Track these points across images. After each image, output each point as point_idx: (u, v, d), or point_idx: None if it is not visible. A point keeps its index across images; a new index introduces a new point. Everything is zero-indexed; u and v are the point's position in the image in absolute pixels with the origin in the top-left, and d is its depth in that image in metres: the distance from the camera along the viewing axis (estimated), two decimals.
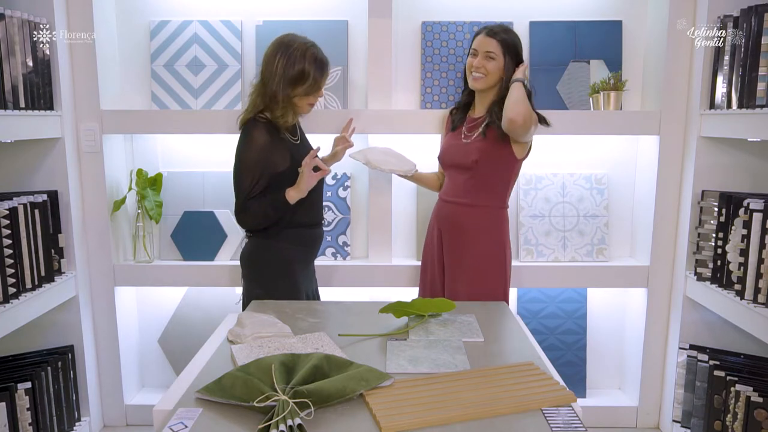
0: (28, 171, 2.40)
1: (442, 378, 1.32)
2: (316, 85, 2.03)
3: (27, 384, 2.16)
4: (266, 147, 2.00)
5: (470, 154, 2.13)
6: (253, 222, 2.04)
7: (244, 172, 2.00)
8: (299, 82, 2.00)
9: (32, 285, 2.19)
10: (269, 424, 1.07)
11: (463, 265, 2.18)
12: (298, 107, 2.08)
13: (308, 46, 2.02)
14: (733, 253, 2.11)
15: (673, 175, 2.50)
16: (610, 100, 2.49)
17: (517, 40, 2.14)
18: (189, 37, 2.64)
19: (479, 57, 2.12)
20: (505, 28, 2.14)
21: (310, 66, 1.99)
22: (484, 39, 2.11)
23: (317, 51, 2.03)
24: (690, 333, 2.47)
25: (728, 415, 2.19)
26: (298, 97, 2.03)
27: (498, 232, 2.18)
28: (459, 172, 2.19)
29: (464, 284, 2.16)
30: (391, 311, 1.68)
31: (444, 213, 2.23)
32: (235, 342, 1.54)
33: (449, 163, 2.24)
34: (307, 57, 2.00)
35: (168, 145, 2.74)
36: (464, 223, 2.17)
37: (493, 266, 2.17)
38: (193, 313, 2.75)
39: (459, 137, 2.22)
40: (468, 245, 2.17)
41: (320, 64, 2.02)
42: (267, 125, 2.03)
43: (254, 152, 2.00)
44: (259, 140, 2.00)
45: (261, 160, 2.00)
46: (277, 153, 2.02)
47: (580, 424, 1.13)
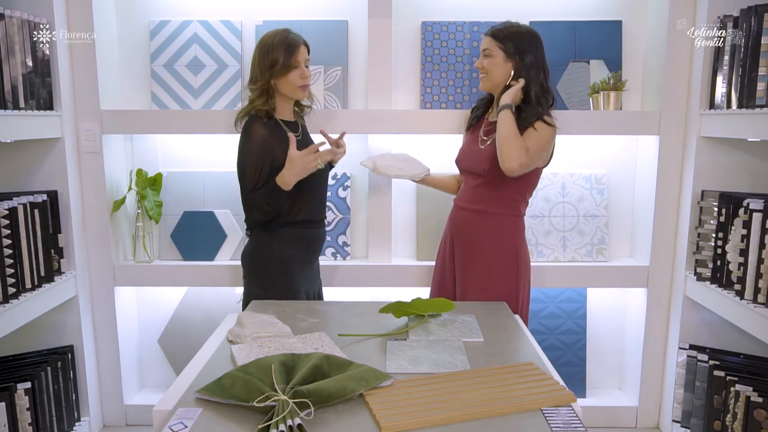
0: (27, 171, 2.40)
1: (442, 378, 1.31)
2: (288, 63, 2.04)
3: (27, 384, 2.16)
4: (266, 139, 2.03)
5: (483, 161, 2.06)
6: (258, 215, 2.04)
7: (247, 165, 2.02)
8: (271, 65, 2.04)
9: (32, 285, 2.19)
10: (269, 424, 1.07)
11: (472, 272, 2.12)
12: (286, 93, 2.09)
13: (278, 33, 2.06)
14: (733, 253, 2.11)
15: (673, 175, 2.50)
16: (610, 100, 2.49)
17: (520, 35, 2.02)
18: (189, 37, 2.64)
19: (480, 57, 2.10)
20: (508, 24, 2.06)
21: (278, 47, 2.03)
22: (483, 38, 2.09)
23: (287, 34, 2.06)
24: (690, 333, 2.47)
25: (728, 415, 2.19)
26: (276, 79, 2.05)
27: (509, 242, 2.09)
28: (472, 177, 2.14)
29: (474, 291, 2.10)
30: (391, 311, 1.67)
31: (456, 219, 2.19)
32: (235, 342, 1.54)
33: (464, 168, 2.19)
34: (276, 41, 2.04)
35: (168, 145, 2.74)
36: (475, 231, 2.11)
37: (503, 276, 2.09)
38: (193, 313, 2.76)
39: (476, 141, 2.15)
40: (478, 253, 2.11)
41: (287, 43, 2.05)
42: (264, 120, 2.06)
43: (254, 145, 2.02)
44: (258, 133, 2.03)
45: (261, 153, 2.01)
46: (276, 145, 2.04)
47: (580, 424, 1.13)
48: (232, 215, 2.67)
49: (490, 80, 2.08)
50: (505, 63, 2.04)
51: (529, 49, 2.02)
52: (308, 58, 2.11)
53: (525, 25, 2.08)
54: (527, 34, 2.04)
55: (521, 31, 2.04)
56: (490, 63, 2.05)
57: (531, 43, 2.03)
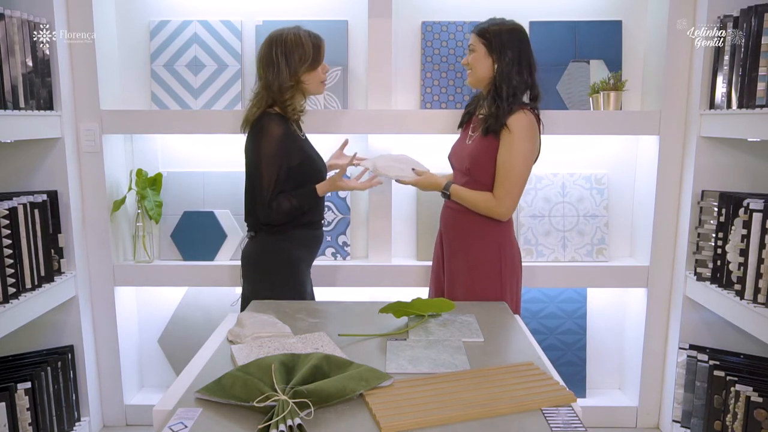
0: (28, 171, 2.40)
1: (442, 378, 1.31)
2: (318, 58, 2.07)
3: (27, 384, 2.16)
4: (283, 138, 2.01)
5: (466, 159, 2.11)
6: (284, 216, 2.02)
7: (267, 164, 1.99)
8: (302, 61, 2.04)
9: (32, 285, 2.19)
10: (269, 424, 1.07)
11: (459, 270, 2.16)
12: (309, 89, 2.10)
13: (297, 29, 2.07)
14: (733, 253, 2.11)
15: (673, 175, 2.50)
16: (610, 100, 2.49)
17: (501, 32, 2.04)
18: (189, 37, 2.64)
19: (468, 54, 2.13)
20: (492, 22, 2.08)
21: (307, 42, 2.05)
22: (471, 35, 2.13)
23: (307, 31, 2.09)
24: (690, 333, 2.47)
25: (728, 415, 2.19)
26: (305, 75, 2.06)
27: (491, 241, 2.10)
28: (460, 175, 2.17)
29: (461, 288, 2.14)
30: (391, 311, 1.67)
31: (445, 216, 2.23)
32: (234, 342, 1.54)
33: (453, 165, 2.24)
34: (302, 37, 2.05)
35: (168, 145, 2.74)
36: (460, 229, 2.15)
37: (486, 276, 2.11)
38: (192, 313, 2.76)
39: (465, 137, 2.19)
40: (463, 251, 2.15)
41: (314, 37, 2.08)
42: (279, 118, 2.05)
43: (274, 143, 2.00)
44: (276, 131, 2.01)
45: (281, 151, 2.00)
46: (293, 145, 2.04)
47: (580, 424, 1.13)
48: (232, 215, 2.67)
49: (474, 75, 2.11)
50: (486, 58, 2.07)
51: (509, 44, 2.04)
52: None
53: (510, 21, 2.10)
54: (508, 31, 2.05)
55: (503, 27, 2.06)
56: (474, 58, 2.09)
57: (511, 40, 2.04)
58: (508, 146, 2.01)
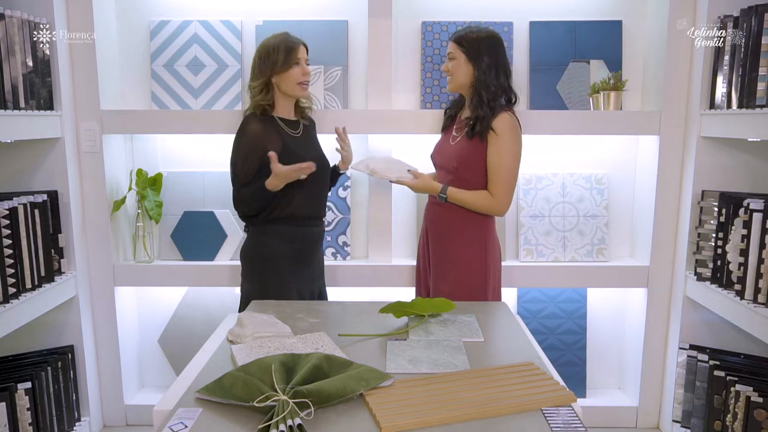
0: (28, 171, 2.40)
1: (442, 378, 1.31)
2: (288, 60, 2.10)
3: (27, 384, 2.16)
4: (257, 135, 2.09)
5: (452, 159, 2.16)
6: (244, 207, 2.13)
7: (237, 159, 2.11)
8: (272, 63, 2.10)
9: (32, 285, 2.19)
10: (269, 424, 1.07)
11: (444, 266, 2.21)
12: (287, 91, 2.14)
13: (277, 35, 2.14)
14: (733, 253, 2.11)
15: (673, 175, 2.50)
16: (610, 100, 2.49)
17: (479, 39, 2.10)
18: (189, 37, 2.64)
19: (446, 61, 2.19)
20: (468, 29, 2.14)
21: (280, 46, 2.11)
22: (449, 43, 2.19)
23: (286, 36, 2.14)
24: (690, 333, 2.47)
25: (728, 415, 2.19)
26: (276, 77, 2.11)
27: (477, 239, 2.17)
28: (444, 173, 2.23)
29: (447, 285, 2.18)
30: (391, 311, 1.68)
31: (430, 214, 2.28)
32: (235, 342, 1.54)
33: (437, 164, 2.29)
34: (276, 42, 2.12)
35: (168, 145, 2.74)
36: (446, 226, 2.20)
37: (473, 271, 2.16)
38: (193, 313, 2.75)
39: (448, 138, 2.25)
40: (448, 247, 2.19)
41: (290, 41, 2.12)
42: (261, 117, 2.13)
43: (246, 139, 2.10)
44: (250, 128, 2.11)
45: (252, 148, 2.08)
46: (268, 140, 2.09)
47: (580, 424, 1.13)
48: (232, 215, 2.67)
49: (454, 81, 2.18)
50: (466, 65, 2.14)
51: (485, 51, 2.11)
52: (307, 57, 2.17)
53: (486, 28, 2.17)
54: (485, 38, 2.12)
55: (480, 35, 2.13)
56: (454, 66, 2.16)
57: (488, 46, 2.12)
58: (496, 147, 2.09)
